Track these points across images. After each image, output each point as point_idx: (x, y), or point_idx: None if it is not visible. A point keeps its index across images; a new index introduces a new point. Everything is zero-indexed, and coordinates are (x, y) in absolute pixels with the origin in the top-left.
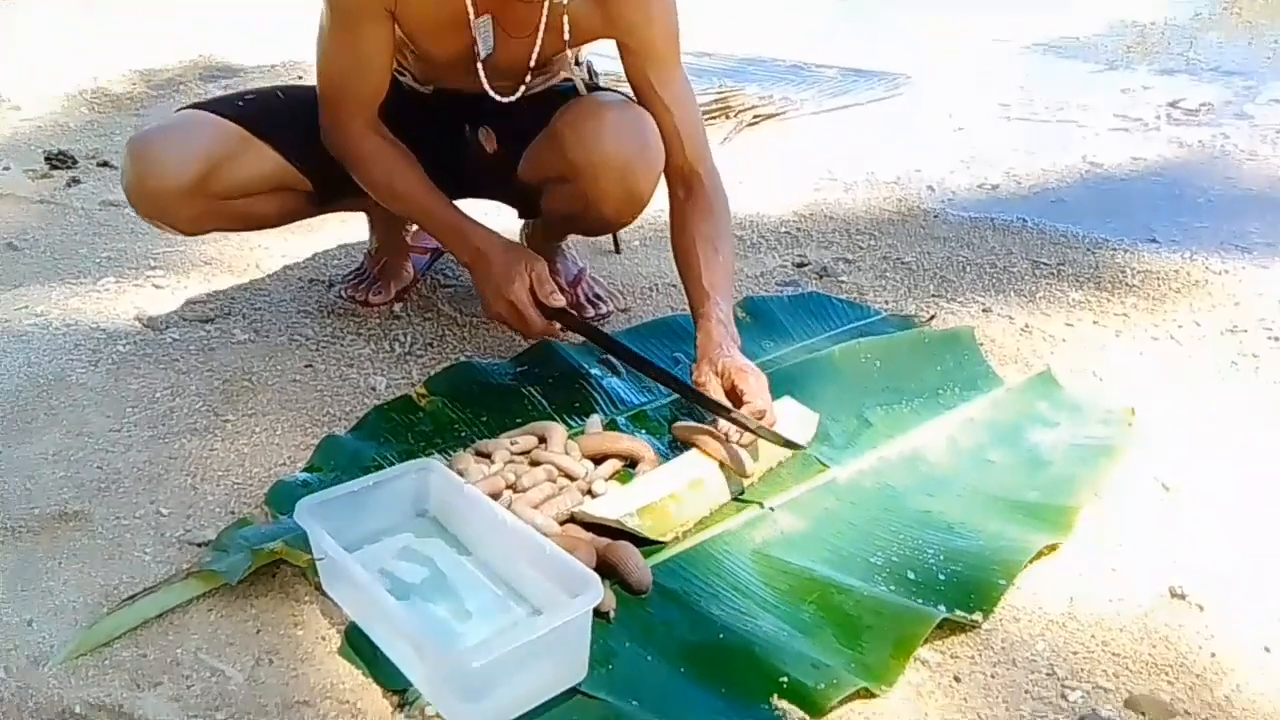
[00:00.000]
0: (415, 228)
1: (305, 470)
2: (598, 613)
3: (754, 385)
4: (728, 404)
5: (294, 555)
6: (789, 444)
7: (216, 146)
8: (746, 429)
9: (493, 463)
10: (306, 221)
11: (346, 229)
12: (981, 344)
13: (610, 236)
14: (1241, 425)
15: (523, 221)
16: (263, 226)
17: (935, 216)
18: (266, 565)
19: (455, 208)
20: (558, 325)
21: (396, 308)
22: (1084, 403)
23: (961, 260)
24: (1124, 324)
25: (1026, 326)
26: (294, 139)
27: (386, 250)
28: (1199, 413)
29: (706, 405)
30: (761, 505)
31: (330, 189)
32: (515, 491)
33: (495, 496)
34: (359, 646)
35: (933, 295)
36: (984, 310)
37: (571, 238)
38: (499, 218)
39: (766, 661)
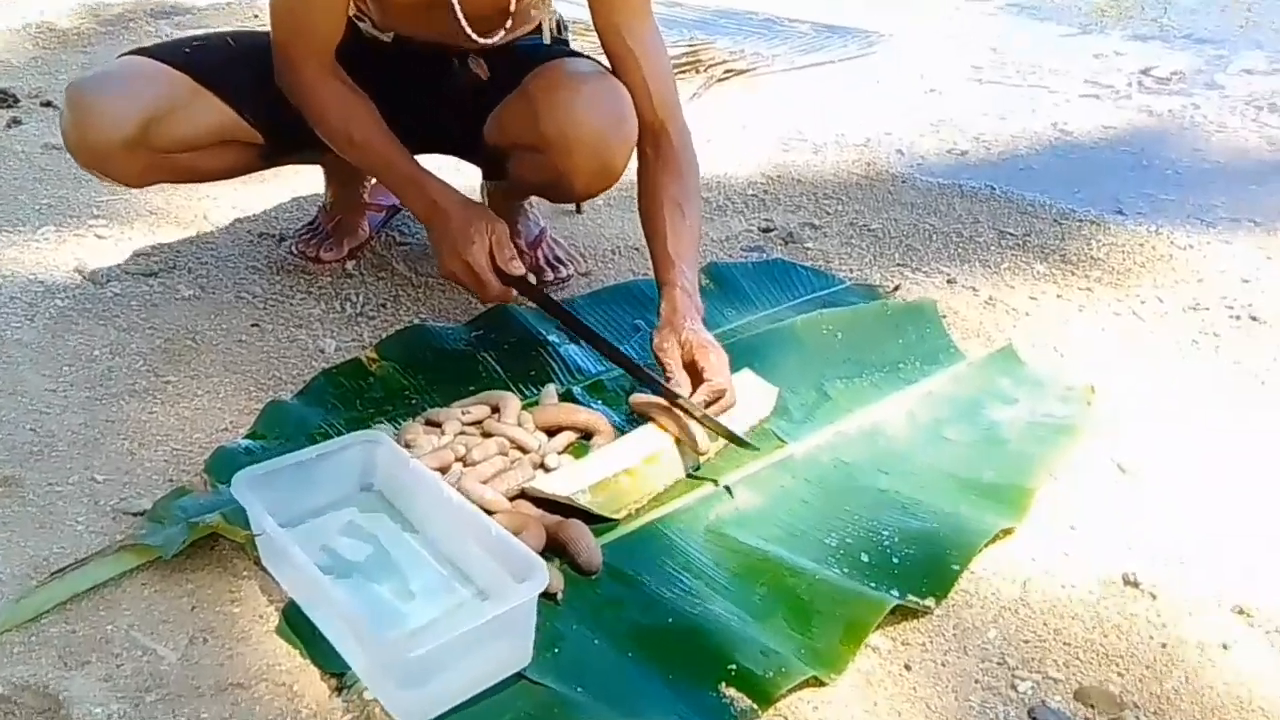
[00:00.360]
0: (373, 183)
1: (248, 437)
2: (545, 594)
3: (714, 362)
4: (679, 385)
5: (231, 530)
6: (734, 439)
7: (161, 97)
8: (692, 417)
9: (443, 433)
10: (259, 172)
11: (301, 180)
12: (944, 316)
13: None
14: (1201, 404)
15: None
16: (211, 180)
17: (903, 182)
18: (204, 538)
19: (415, 161)
20: (514, 292)
21: (349, 266)
22: (1044, 379)
23: (928, 228)
24: (1087, 299)
25: (990, 299)
26: (245, 90)
27: (342, 206)
28: (1159, 391)
29: (656, 389)
30: (716, 482)
31: (282, 143)
32: (465, 465)
33: (444, 470)
34: (297, 626)
35: (898, 264)
36: (949, 281)
37: (533, 196)
38: (459, 176)
39: (716, 647)
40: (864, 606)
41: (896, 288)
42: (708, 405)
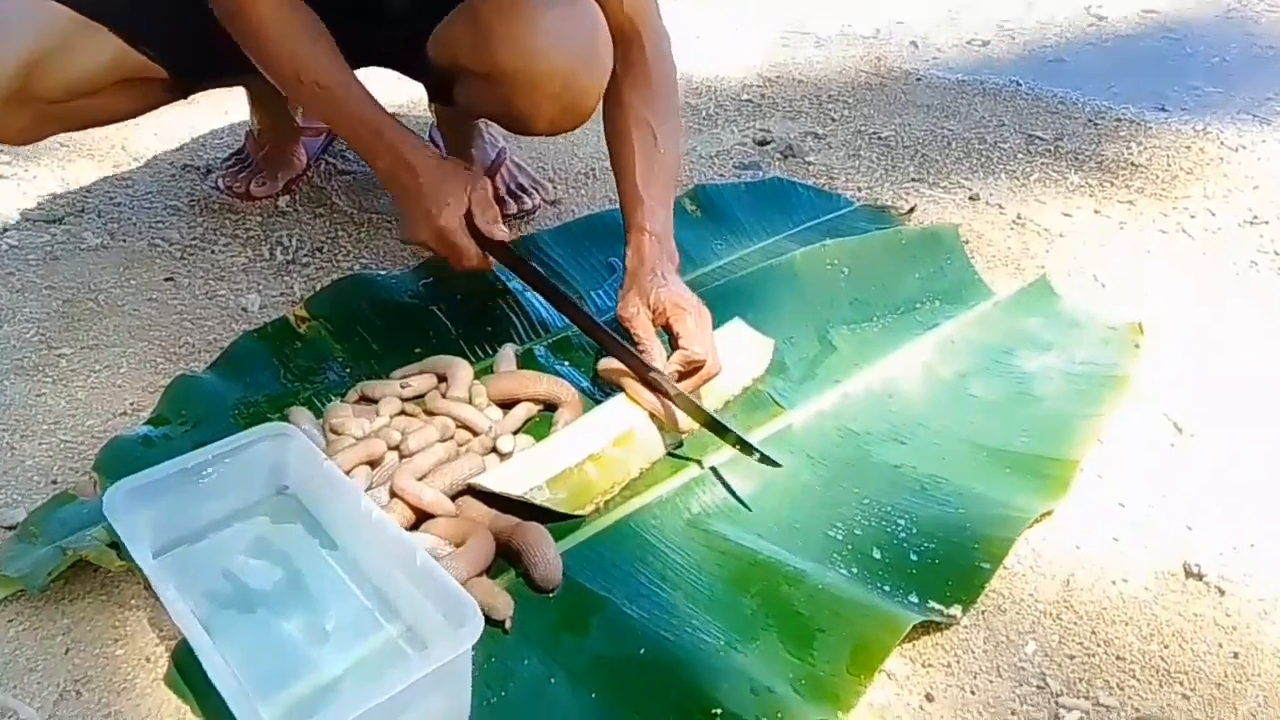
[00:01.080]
0: None
1: (149, 423)
2: (492, 622)
3: (690, 326)
4: (653, 356)
5: (106, 558)
6: (713, 426)
7: (40, 38)
8: (667, 395)
9: (378, 414)
10: None
11: (236, 100)
12: (967, 242)
13: None
14: (1267, 343)
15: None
16: (114, 123)
17: (918, 80)
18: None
19: (378, 104)
20: (493, 260)
21: (283, 202)
22: (1083, 317)
23: (946, 134)
24: (1129, 213)
25: (1019, 218)
26: (139, 17)
27: (271, 134)
28: (1216, 327)
29: (626, 361)
30: (700, 463)
31: (191, 74)
32: (402, 455)
33: (375, 463)
34: (189, 673)
35: (913, 179)
36: (971, 198)
37: None
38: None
39: (696, 686)
40: (877, 623)
41: (912, 209)
42: (682, 377)
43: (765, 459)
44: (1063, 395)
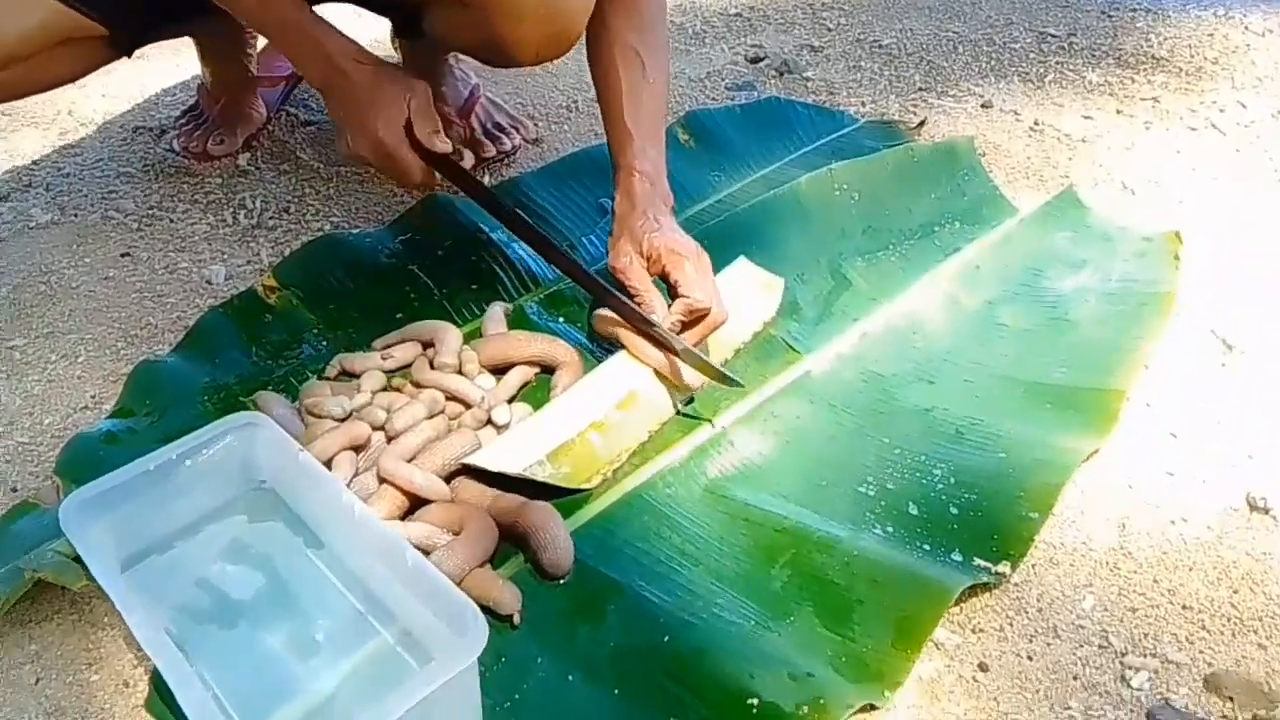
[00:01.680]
0: (260, 48)
1: (112, 416)
2: (499, 617)
3: (689, 272)
4: (652, 307)
5: (69, 576)
6: (722, 379)
7: None
8: (671, 350)
9: (359, 390)
10: None
11: (188, 54)
12: (983, 154)
13: None
14: None
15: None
16: (56, 86)
17: None
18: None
19: (306, 6)
20: (438, 176)
21: (243, 160)
22: (1115, 230)
23: (951, 37)
24: (1154, 111)
25: (1036, 124)
26: None
27: (225, 86)
28: (1258, 231)
29: (622, 313)
30: (711, 422)
31: (131, 28)
32: (389, 436)
33: (359, 448)
34: (171, 696)
35: (919, 89)
36: (983, 106)
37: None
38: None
39: (728, 675)
40: (921, 590)
41: (922, 123)
42: (685, 328)
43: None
44: (1101, 318)
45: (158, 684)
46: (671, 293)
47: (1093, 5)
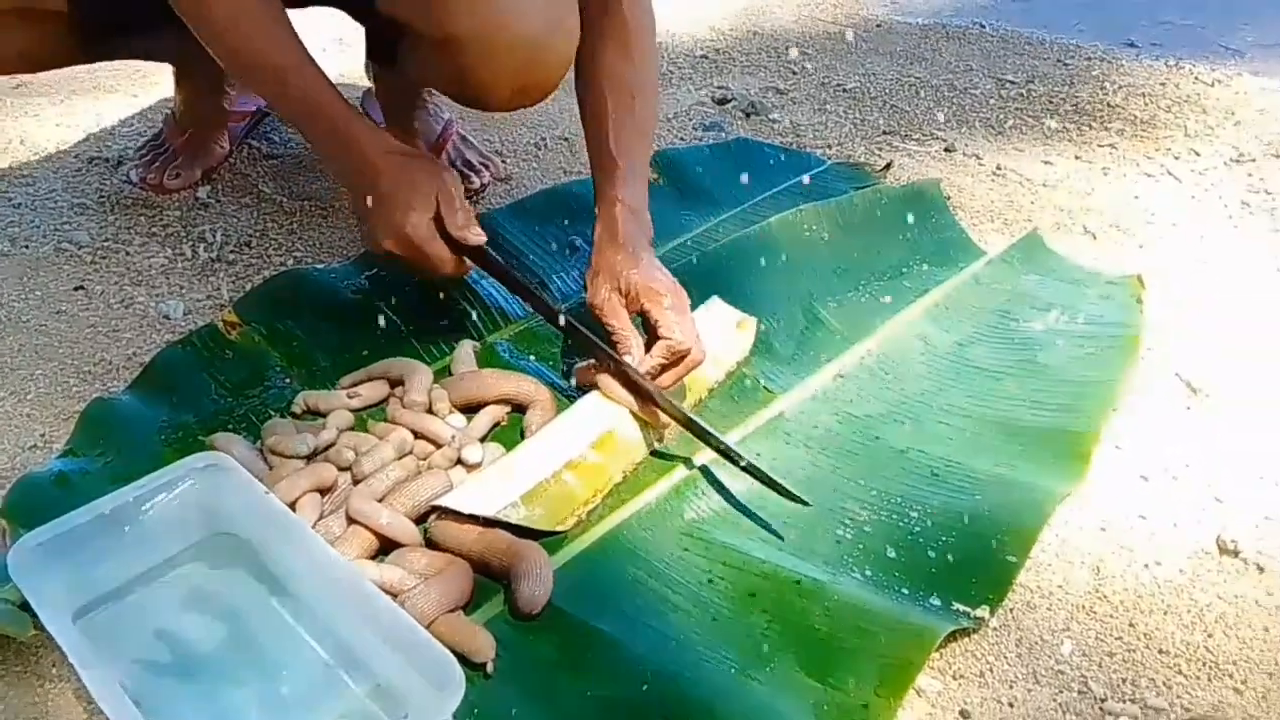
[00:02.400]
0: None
1: (63, 456)
2: (471, 666)
3: (667, 311)
4: (630, 350)
5: (15, 626)
6: (698, 431)
7: None
8: (642, 395)
9: (324, 428)
10: (93, 76)
11: (146, 83)
12: (948, 197)
13: None
14: (1272, 289)
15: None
16: (8, 71)
17: (879, 26)
18: None
19: (335, 88)
20: (470, 264)
21: (203, 193)
22: (1079, 273)
23: (914, 81)
24: (1111, 158)
25: (999, 168)
26: None
27: (194, 118)
28: (1216, 275)
29: (605, 359)
30: (688, 463)
31: (99, 13)
32: (355, 479)
33: (325, 491)
34: None
35: (884, 132)
36: (946, 149)
37: None
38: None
39: None
40: (903, 636)
41: (888, 165)
42: (664, 369)
43: (754, 470)
44: (1070, 360)
45: None
46: (649, 332)
47: (1048, 53)
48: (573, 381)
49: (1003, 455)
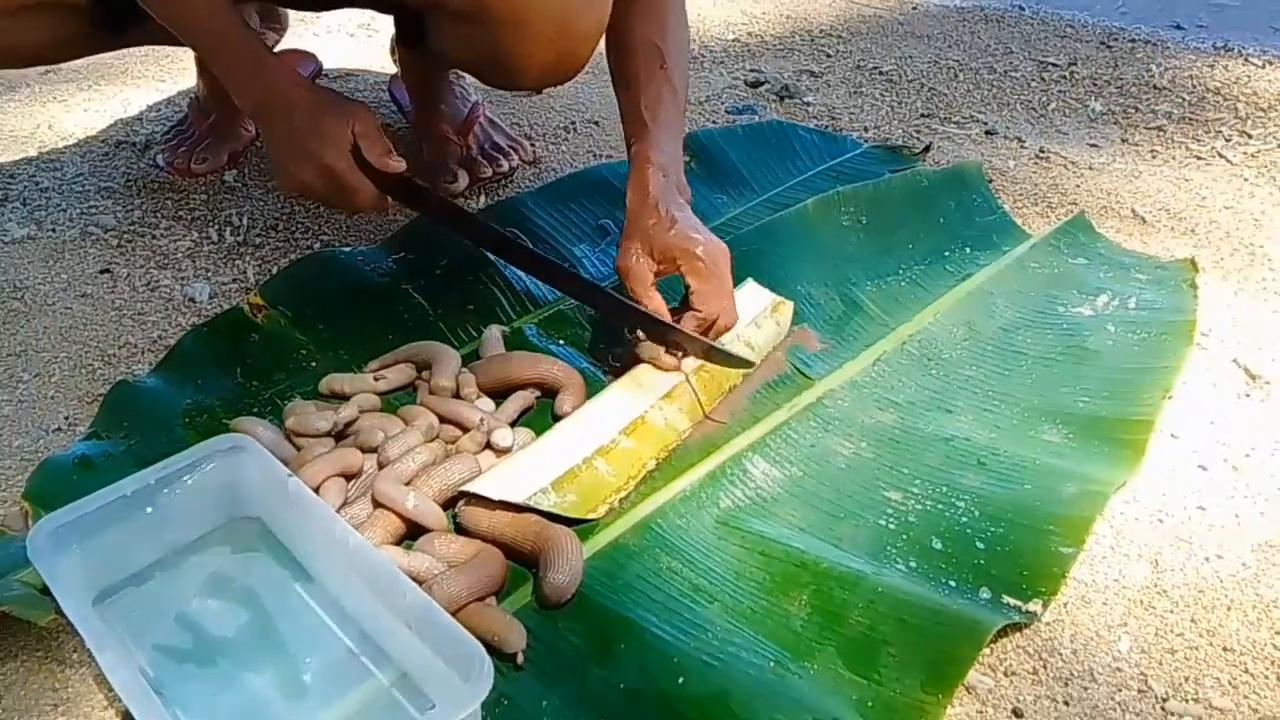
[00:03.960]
0: None
1: (86, 439)
2: (501, 656)
3: (703, 278)
4: (658, 309)
5: (35, 611)
6: (739, 361)
7: None
8: (685, 350)
9: (347, 407)
10: (121, 63)
11: (175, 69)
12: (990, 180)
13: None
14: None
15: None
16: (27, 63)
17: (914, 8)
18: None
19: (245, 22)
20: (389, 200)
21: (229, 176)
22: (1129, 256)
23: (952, 65)
24: (1159, 140)
25: (1042, 151)
26: None
27: (219, 102)
28: (1276, 259)
29: (628, 318)
30: (727, 449)
31: (118, 4)
32: (381, 464)
33: (351, 476)
34: None
35: (922, 115)
36: (987, 132)
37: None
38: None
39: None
40: (951, 630)
41: (928, 148)
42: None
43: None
44: (1122, 347)
45: None
46: (685, 297)
47: (1090, 35)
48: (611, 359)
49: (1053, 444)
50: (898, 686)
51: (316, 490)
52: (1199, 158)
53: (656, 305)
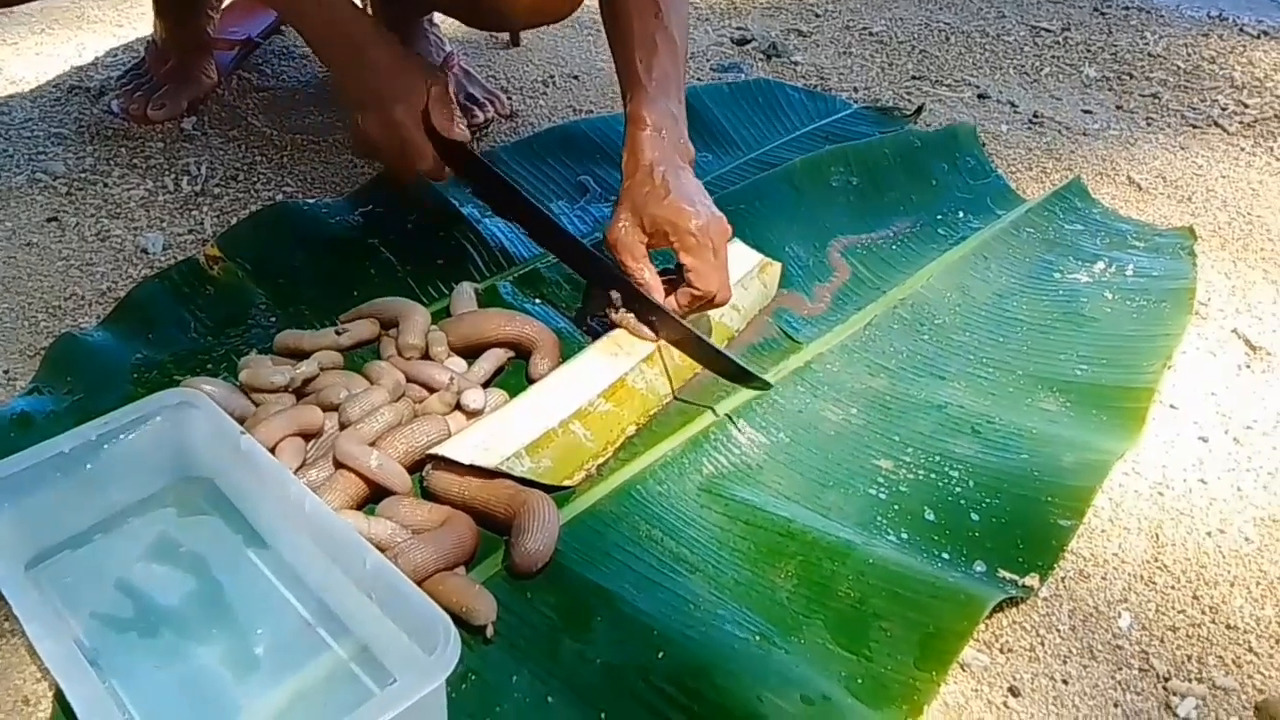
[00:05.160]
0: (224, 6)
1: (26, 394)
2: (470, 629)
3: (696, 252)
4: (647, 290)
5: None
6: (740, 373)
7: None
8: (671, 339)
9: (303, 368)
10: (76, 5)
11: (133, 15)
12: (983, 144)
13: None
14: None
15: None
16: None
17: None
18: None
19: None
20: (447, 169)
21: (188, 124)
22: (1126, 223)
23: (943, 27)
24: (1154, 107)
25: (1036, 116)
26: None
27: (177, 45)
28: (1274, 228)
29: (622, 292)
30: (712, 411)
31: None
32: (343, 425)
33: (310, 435)
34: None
35: (913, 77)
36: (979, 96)
37: (439, 14)
38: None
39: (731, 696)
40: (945, 603)
41: (920, 109)
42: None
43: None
44: (1120, 314)
45: (63, 703)
46: (678, 272)
47: (1084, 2)
48: (590, 321)
49: (1050, 412)
50: (889, 663)
51: (272, 450)
52: (1195, 126)
53: (648, 280)
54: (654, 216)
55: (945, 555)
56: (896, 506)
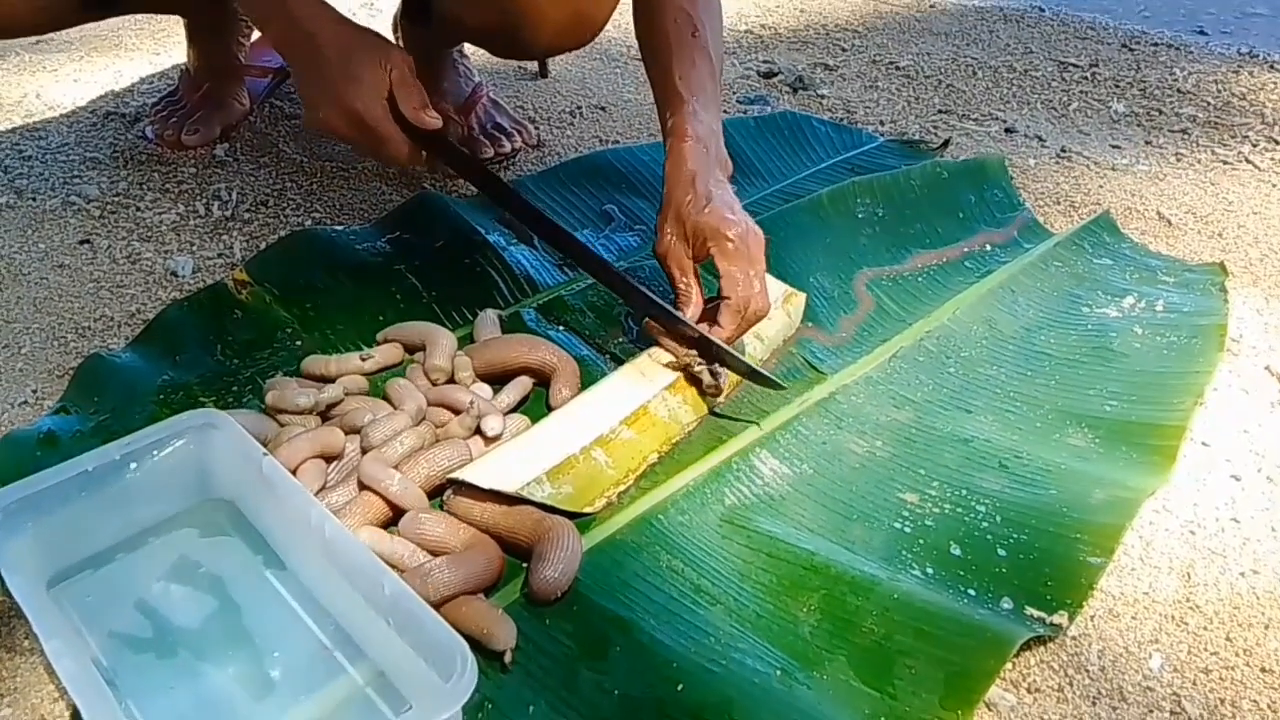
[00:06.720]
0: (255, 37)
1: (53, 413)
2: (487, 655)
3: (734, 264)
4: (689, 300)
5: None
6: (751, 373)
7: None
8: (705, 356)
9: (328, 392)
10: (114, 34)
11: (170, 42)
12: (1011, 178)
13: None
14: None
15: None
16: (17, 33)
17: (932, 6)
18: None
19: None
20: (424, 154)
21: (220, 151)
22: (1156, 259)
23: (970, 62)
24: (1184, 143)
25: (1063, 151)
26: None
27: (210, 71)
28: None
29: (643, 307)
30: (733, 442)
31: None
32: (365, 449)
33: (332, 458)
34: None
35: (939, 111)
36: (1006, 130)
37: (468, 45)
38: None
39: None
40: (971, 641)
41: (946, 143)
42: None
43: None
44: (1150, 350)
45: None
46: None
47: (1112, 38)
48: (613, 347)
49: (1079, 448)
50: (914, 701)
51: (294, 472)
52: (1225, 162)
53: (694, 295)
54: (695, 224)
55: (971, 591)
56: (922, 541)
